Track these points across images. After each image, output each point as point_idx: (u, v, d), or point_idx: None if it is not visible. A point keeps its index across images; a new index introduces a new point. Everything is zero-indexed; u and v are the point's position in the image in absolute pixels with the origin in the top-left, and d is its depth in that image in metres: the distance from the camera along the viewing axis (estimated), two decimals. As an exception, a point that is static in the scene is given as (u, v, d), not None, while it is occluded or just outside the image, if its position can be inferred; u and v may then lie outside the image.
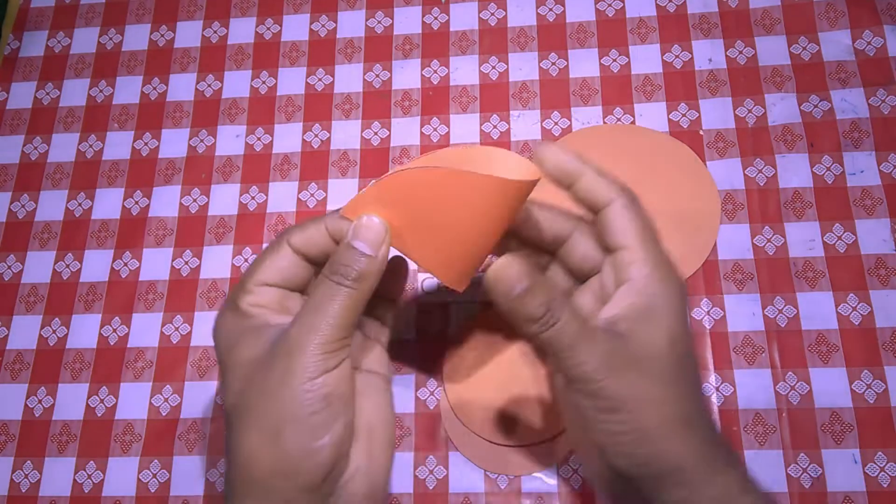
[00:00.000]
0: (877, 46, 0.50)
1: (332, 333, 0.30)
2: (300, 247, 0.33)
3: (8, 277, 0.51)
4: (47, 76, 0.57)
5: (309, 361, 0.29)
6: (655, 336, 0.31)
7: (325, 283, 0.31)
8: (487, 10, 0.55)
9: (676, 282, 0.32)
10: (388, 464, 0.33)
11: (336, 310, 0.30)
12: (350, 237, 0.32)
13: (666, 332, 0.31)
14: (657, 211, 0.48)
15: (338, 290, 0.31)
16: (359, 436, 0.31)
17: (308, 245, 0.33)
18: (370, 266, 0.31)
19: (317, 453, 0.29)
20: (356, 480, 0.31)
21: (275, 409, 0.29)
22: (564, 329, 0.30)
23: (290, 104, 0.54)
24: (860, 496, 0.41)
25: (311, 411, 0.29)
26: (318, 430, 0.29)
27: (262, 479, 0.29)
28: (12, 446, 0.47)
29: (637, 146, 0.50)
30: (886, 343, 0.43)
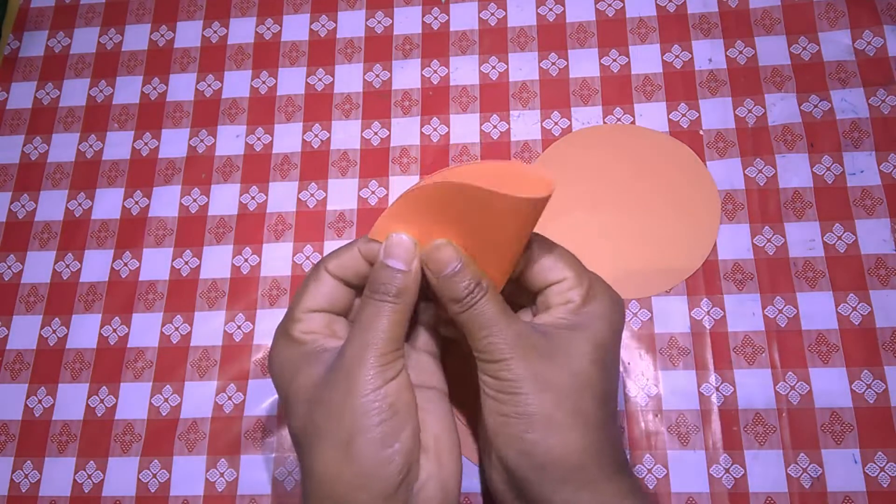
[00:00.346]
0: (877, 46, 0.50)
1: (385, 346, 0.32)
2: (338, 273, 0.35)
3: (8, 277, 0.51)
4: (47, 76, 0.57)
5: (369, 374, 0.31)
6: (578, 338, 0.32)
7: (369, 303, 0.33)
8: (487, 10, 0.55)
9: (611, 297, 0.34)
10: (457, 470, 0.34)
11: (385, 325, 0.32)
12: (383, 256, 0.34)
13: (591, 335, 0.32)
14: (657, 211, 0.48)
15: (382, 306, 0.32)
16: (426, 446, 0.33)
17: (345, 270, 0.35)
18: (406, 280, 0.33)
19: (389, 461, 0.30)
20: (429, 488, 0.32)
21: (344, 424, 0.31)
22: (483, 309, 0.32)
23: (290, 104, 0.54)
24: (860, 496, 0.41)
25: (378, 420, 0.31)
26: (387, 438, 0.31)
27: (340, 493, 0.30)
28: (12, 446, 0.47)
29: (637, 146, 0.50)
30: (886, 343, 0.43)
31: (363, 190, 0.51)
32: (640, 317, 0.46)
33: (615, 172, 0.49)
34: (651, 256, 0.47)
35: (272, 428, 0.45)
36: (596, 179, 0.49)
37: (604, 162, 0.50)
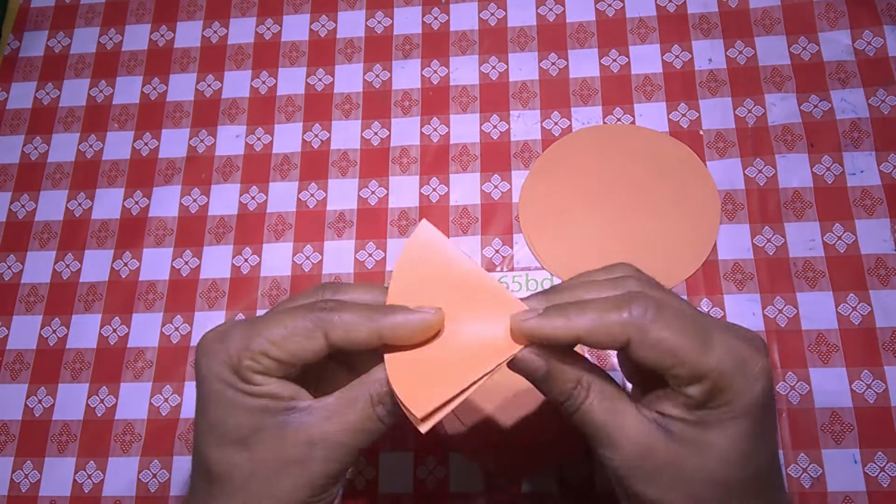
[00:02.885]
0: (877, 46, 0.50)
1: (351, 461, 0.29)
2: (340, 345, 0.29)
3: (8, 277, 0.51)
4: (47, 76, 0.57)
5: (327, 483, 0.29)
6: (709, 453, 0.27)
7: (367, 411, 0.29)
8: (487, 10, 0.55)
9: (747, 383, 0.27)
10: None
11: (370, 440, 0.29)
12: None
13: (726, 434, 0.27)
14: (657, 211, 0.48)
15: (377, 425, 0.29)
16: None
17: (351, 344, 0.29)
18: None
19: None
20: None
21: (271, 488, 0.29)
22: (587, 417, 0.28)
23: (290, 104, 0.54)
24: (860, 496, 0.41)
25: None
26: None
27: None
28: (12, 446, 0.47)
29: (637, 146, 0.50)
30: (886, 343, 0.43)
31: (363, 190, 0.51)
32: (640, 317, 0.46)
33: (615, 172, 0.49)
34: (651, 256, 0.47)
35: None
36: (596, 179, 0.49)
37: (604, 162, 0.50)
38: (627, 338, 0.27)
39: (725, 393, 0.26)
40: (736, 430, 0.27)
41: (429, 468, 0.44)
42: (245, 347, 0.28)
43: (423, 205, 0.50)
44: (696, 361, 0.26)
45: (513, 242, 0.48)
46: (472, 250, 0.48)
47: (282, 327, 0.28)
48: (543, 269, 0.47)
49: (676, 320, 0.27)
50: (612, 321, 0.27)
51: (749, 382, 0.27)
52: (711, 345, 0.26)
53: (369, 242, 0.49)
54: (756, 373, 0.27)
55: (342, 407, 0.29)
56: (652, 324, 0.26)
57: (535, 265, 0.47)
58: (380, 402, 0.29)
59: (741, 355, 0.27)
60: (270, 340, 0.28)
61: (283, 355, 0.28)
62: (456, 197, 0.50)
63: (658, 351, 0.26)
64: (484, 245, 0.48)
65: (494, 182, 0.50)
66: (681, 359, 0.26)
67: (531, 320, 0.28)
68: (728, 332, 0.28)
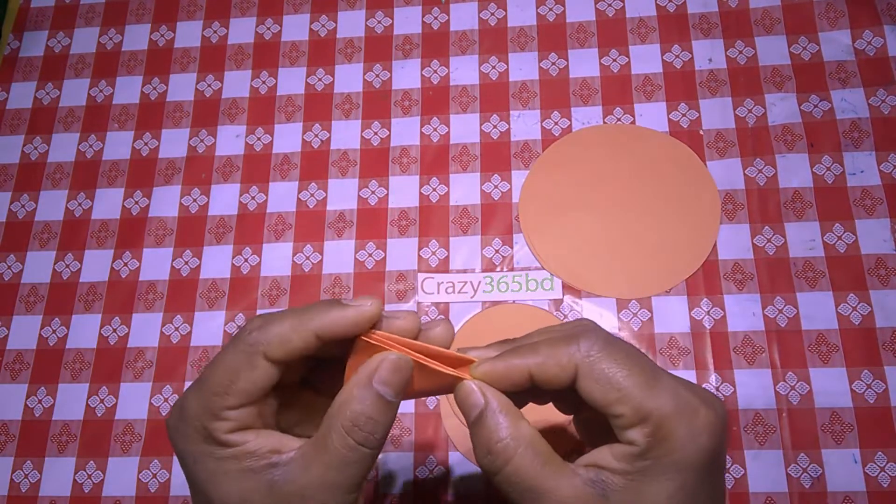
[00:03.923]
0: (877, 46, 0.50)
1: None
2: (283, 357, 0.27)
3: (8, 277, 0.51)
4: (47, 76, 0.57)
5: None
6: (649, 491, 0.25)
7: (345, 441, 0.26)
8: (487, 10, 0.55)
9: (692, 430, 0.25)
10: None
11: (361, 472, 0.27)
12: (376, 381, 0.27)
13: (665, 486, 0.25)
14: (657, 211, 0.48)
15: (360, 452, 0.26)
16: None
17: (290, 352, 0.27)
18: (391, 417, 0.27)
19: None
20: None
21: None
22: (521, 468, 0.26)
23: (290, 104, 0.54)
24: (860, 496, 0.41)
25: None
26: None
27: None
28: (12, 446, 0.47)
29: (637, 146, 0.50)
30: (886, 343, 0.43)
31: (363, 190, 0.51)
32: (640, 317, 0.46)
33: (615, 172, 0.49)
34: (651, 256, 0.47)
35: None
36: (596, 179, 0.49)
37: (604, 162, 0.50)
38: (574, 367, 0.26)
39: (668, 441, 0.25)
40: (675, 485, 0.25)
41: (429, 468, 0.44)
42: (205, 411, 0.27)
43: (423, 205, 0.50)
44: (640, 398, 0.25)
45: (513, 242, 0.48)
46: (472, 250, 0.48)
47: (223, 372, 0.27)
48: (543, 269, 0.47)
49: (624, 356, 0.26)
50: (561, 353, 0.26)
51: (694, 434, 0.25)
52: (658, 386, 0.26)
53: (369, 242, 0.49)
54: (701, 424, 0.25)
55: (318, 449, 0.26)
56: (599, 354, 0.26)
57: (535, 265, 0.47)
58: (354, 426, 0.26)
59: (689, 403, 0.26)
60: (220, 391, 0.26)
61: (240, 398, 0.27)
62: (456, 197, 0.50)
63: (603, 384, 0.26)
64: (484, 245, 0.48)
65: (494, 182, 0.50)
66: (625, 393, 0.25)
67: (484, 364, 0.28)
68: (678, 381, 0.27)
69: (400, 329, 0.28)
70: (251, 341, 0.27)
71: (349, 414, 0.26)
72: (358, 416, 0.26)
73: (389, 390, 0.26)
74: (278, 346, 0.27)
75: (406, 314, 0.28)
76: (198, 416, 0.27)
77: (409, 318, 0.28)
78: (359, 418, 0.26)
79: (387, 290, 0.48)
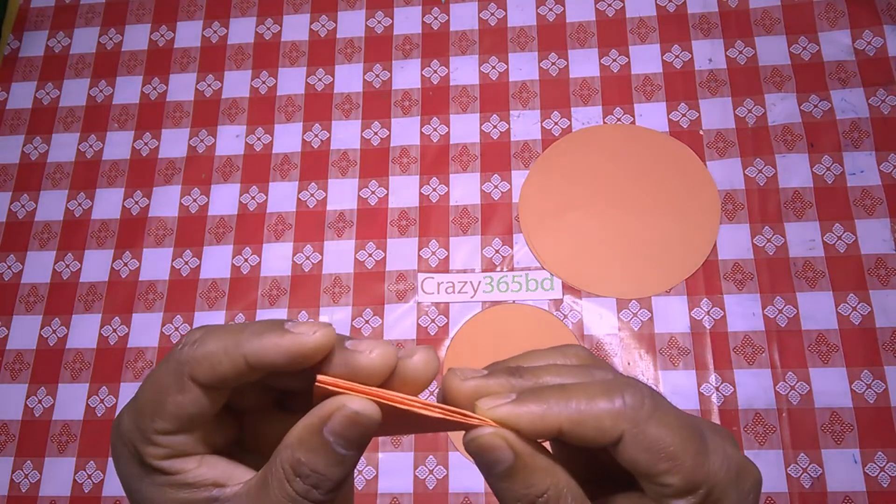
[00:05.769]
0: (877, 46, 0.50)
1: None
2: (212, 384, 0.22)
3: (8, 277, 0.51)
4: (47, 76, 0.57)
5: None
6: None
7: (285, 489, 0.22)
8: (487, 10, 0.55)
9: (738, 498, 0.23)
10: None
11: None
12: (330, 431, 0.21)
13: None
14: (657, 211, 0.48)
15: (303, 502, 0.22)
16: None
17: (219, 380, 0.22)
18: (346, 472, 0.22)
19: None
20: None
21: None
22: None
23: (290, 104, 0.54)
24: (860, 496, 0.41)
25: None
26: None
27: None
28: (12, 446, 0.47)
29: (637, 146, 0.50)
30: (886, 343, 0.43)
31: (363, 190, 0.51)
32: (640, 317, 0.46)
33: (615, 172, 0.49)
34: (651, 256, 0.47)
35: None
36: (596, 179, 0.49)
37: (604, 162, 0.50)
38: (621, 432, 0.22)
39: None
40: None
41: (429, 468, 0.44)
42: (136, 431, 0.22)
43: (423, 205, 0.50)
44: (693, 469, 0.22)
45: (513, 242, 0.48)
46: (472, 250, 0.48)
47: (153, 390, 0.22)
48: (543, 269, 0.47)
49: (674, 419, 0.22)
50: (603, 410, 0.22)
51: (742, 496, 0.23)
52: (708, 450, 0.22)
53: (369, 242, 0.49)
54: (750, 485, 0.23)
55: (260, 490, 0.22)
56: (650, 417, 0.22)
57: (535, 265, 0.47)
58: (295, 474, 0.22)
59: (738, 465, 0.23)
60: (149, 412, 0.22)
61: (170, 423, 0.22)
62: (456, 197, 0.50)
63: (653, 452, 0.22)
64: (484, 245, 0.48)
65: (494, 182, 0.50)
66: (678, 464, 0.22)
67: (504, 406, 0.22)
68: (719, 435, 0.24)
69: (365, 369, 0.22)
70: (182, 359, 0.22)
71: (290, 460, 0.22)
72: (299, 466, 0.22)
73: (342, 444, 0.21)
74: (207, 369, 0.22)
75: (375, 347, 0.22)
76: (130, 435, 0.23)
77: (378, 353, 0.22)
78: (300, 468, 0.22)
79: (387, 290, 0.48)
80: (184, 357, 0.22)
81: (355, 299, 0.48)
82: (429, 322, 0.47)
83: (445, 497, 0.43)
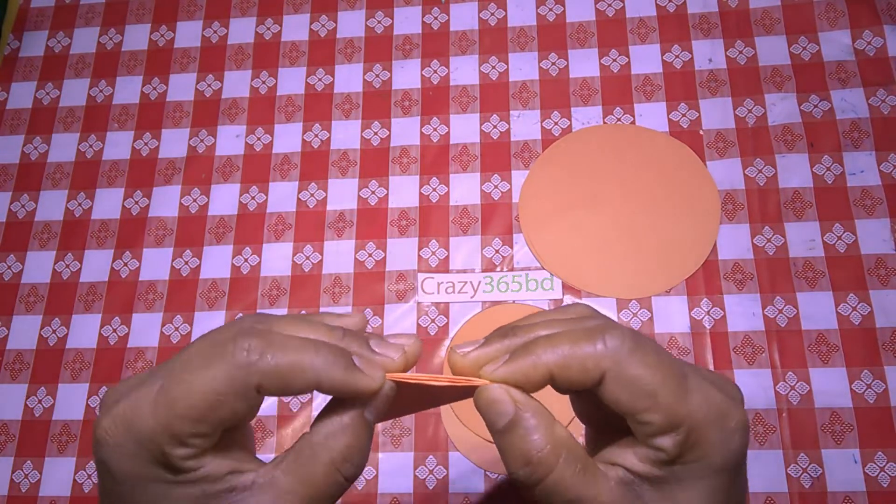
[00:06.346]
0: (877, 46, 0.50)
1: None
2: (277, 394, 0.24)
3: (8, 277, 0.51)
4: (47, 76, 0.57)
5: None
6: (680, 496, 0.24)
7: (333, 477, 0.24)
8: (487, 10, 0.55)
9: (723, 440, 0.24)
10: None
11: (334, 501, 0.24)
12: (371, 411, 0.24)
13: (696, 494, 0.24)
14: (657, 211, 0.48)
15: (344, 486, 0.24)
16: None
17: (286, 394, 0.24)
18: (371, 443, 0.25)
19: None
20: None
21: None
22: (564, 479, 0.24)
23: (290, 104, 0.54)
24: (860, 496, 0.41)
25: None
26: None
27: None
28: (12, 446, 0.47)
29: (637, 146, 0.50)
30: (886, 343, 0.43)
31: (363, 190, 0.51)
32: (640, 317, 0.46)
33: (615, 172, 0.49)
34: (651, 256, 0.47)
35: (272, 427, 0.45)
36: (596, 179, 0.49)
37: (604, 162, 0.50)
38: (602, 372, 0.23)
39: (700, 447, 0.23)
40: (708, 489, 0.24)
41: (429, 468, 0.44)
42: (165, 433, 0.22)
43: (423, 205, 0.50)
44: (673, 406, 0.23)
45: (513, 242, 0.48)
46: (472, 250, 0.48)
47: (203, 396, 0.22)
48: (543, 269, 0.47)
49: (655, 358, 0.24)
50: (586, 353, 0.23)
51: (726, 437, 0.24)
52: (689, 389, 0.24)
53: (369, 242, 0.49)
54: (733, 426, 0.24)
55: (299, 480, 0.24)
56: (630, 356, 0.23)
57: (535, 265, 0.47)
58: (345, 461, 0.24)
59: (719, 406, 0.24)
60: (194, 417, 0.22)
61: (215, 427, 0.23)
62: (456, 197, 0.50)
63: (633, 390, 0.23)
64: (484, 245, 0.48)
65: (494, 182, 0.50)
66: (657, 401, 0.23)
67: (499, 369, 0.24)
68: (704, 378, 0.25)
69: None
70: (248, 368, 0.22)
71: (343, 448, 0.24)
72: (350, 450, 0.24)
73: (372, 412, 0.24)
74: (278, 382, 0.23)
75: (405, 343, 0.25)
76: (154, 436, 0.23)
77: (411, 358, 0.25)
78: (351, 451, 0.24)
79: (387, 290, 0.48)
80: (250, 367, 0.22)
81: (355, 299, 0.48)
82: (429, 322, 0.47)
83: (446, 497, 0.43)
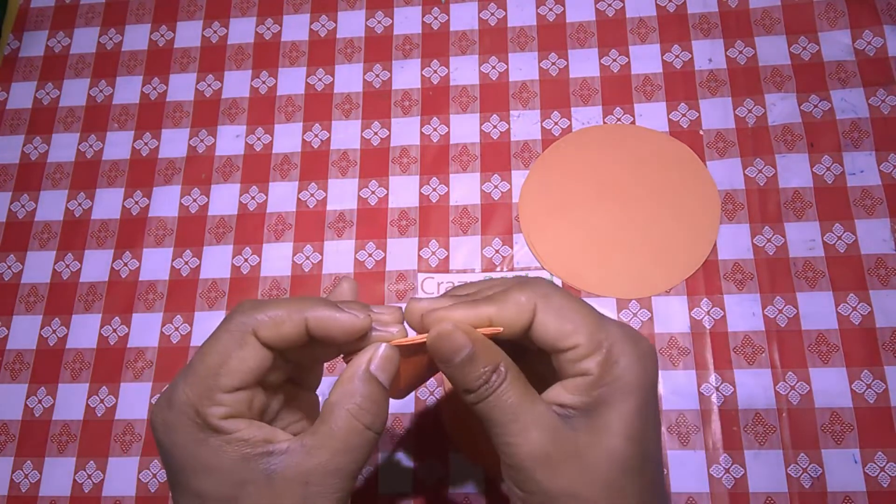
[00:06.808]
0: (877, 46, 0.50)
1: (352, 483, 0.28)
2: (274, 342, 0.28)
3: (8, 277, 0.51)
4: (47, 76, 0.57)
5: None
6: (605, 417, 0.27)
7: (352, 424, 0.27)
8: (487, 10, 0.55)
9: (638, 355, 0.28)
10: None
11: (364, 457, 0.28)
12: (375, 368, 0.28)
13: (620, 411, 0.27)
14: (657, 211, 0.48)
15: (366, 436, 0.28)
16: None
17: (283, 340, 0.28)
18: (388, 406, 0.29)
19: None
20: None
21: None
22: (499, 402, 0.28)
23: (290, 104, 0.54)
24: (860, 496, 0.41)
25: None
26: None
27: None
28: (12, 446, 0.47)
29: (637, 146, 0.50)
30: (886, 343, 0.43)
31: (363, 190, 0.51)
32: (640, 317, 0.46)
33: (615, 172, 0.49)
34: (651, 256, 0.47)
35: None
36: (596, 179, 0.49)
37: (604, 162, 0.50)
38: (533, 306, 0.28)
39: (619, 365, 0.27)
40: (627, 407, 0.27)
41: (429, 468, 0.44)
42: (197, 395, 0.27)
43: (423, 205, 0.50)
44: (593, 328, 0.28)
45: (513, 242, 0.48)
46: (472, 250, 0.48)
47: (214, 354, 0.27)
48: (543, 269, 0.47)
49: (572, 297, 0.29)
50: (517, 295, 0.28)
51: (639, 357, 0.28)
52: (605, 319, 0.29)
53: (369, 242, 0.49)
54: (645, 349, 0.28)
55: (322, 435, 0.27)
56: (554, 292, 0.28)
57: (535, 265, 0.47)
58: (361, 409, 0.27)
59: (631, 333, 0.29)
60: (212, 373, 0.27)
61: (232, 379, 0.27)
62: (456, 197, 0.50)
63: (560, 316, 0.28)
64: (484, 245, 0.48)
65: (494, 182, 0.50)
66: (580, 324, 0.28)
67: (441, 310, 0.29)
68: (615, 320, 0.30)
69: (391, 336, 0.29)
70: (241, 321, 0.27)
71: (357, 399, 0.27)
72: (364, 400, 0.27)
73: (384, 377, 0.28)
74: (271, 327, 0.27)
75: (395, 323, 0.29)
76: (189, 402, 0.27)
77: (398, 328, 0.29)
78: (365, 402, 0.27)
79: (387, 290, 0.48)
80: (244, 319, 0.27)
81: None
82: (429, 322, 0.47)
83: (445, 497, 0.43)
